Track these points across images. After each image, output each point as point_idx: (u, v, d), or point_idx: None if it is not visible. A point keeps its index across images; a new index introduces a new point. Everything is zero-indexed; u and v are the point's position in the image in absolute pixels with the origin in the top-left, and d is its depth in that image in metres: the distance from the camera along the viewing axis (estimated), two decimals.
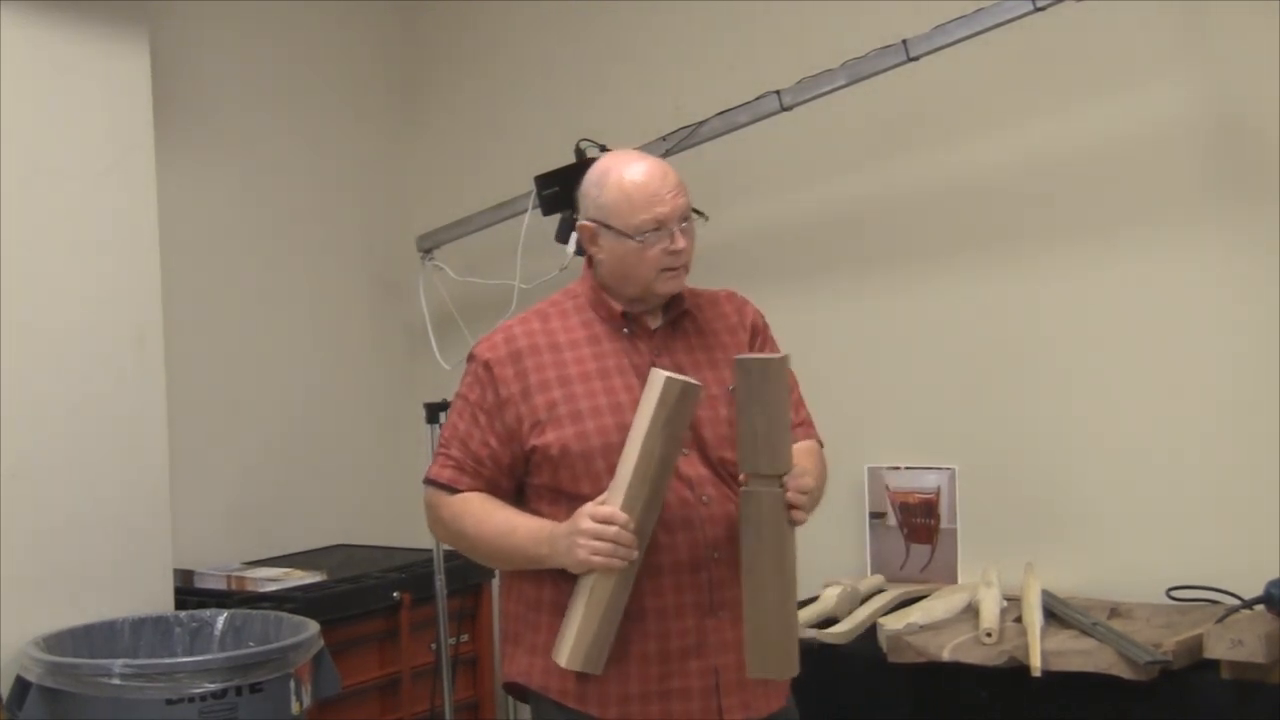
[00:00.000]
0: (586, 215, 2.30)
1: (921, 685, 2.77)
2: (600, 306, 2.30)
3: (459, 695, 3.67)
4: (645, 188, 2.24)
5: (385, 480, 4.25)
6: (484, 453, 2.20)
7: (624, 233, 2.22)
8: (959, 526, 3.25)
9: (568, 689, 2.15)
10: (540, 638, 2.18)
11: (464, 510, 2.19)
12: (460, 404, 2.25)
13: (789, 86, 3.15)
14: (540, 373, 2.21)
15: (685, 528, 2.15)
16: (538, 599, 2.20)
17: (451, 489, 2.21)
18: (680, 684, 2.16)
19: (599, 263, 2.30)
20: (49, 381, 3.00)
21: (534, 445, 2.17)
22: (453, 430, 2.24)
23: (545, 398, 2.18)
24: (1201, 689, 2.52)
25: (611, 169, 2.28)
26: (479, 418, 2.21)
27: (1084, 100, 3.16)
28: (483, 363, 2.23)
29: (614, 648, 2.10)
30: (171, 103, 3.46)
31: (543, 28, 4.10)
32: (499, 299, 3.79)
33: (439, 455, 2.24)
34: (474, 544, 2.21)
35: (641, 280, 2.24)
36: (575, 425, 2.16)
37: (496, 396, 2.20)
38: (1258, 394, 2.94)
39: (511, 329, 2.27)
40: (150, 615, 3.11)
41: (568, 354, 2.23)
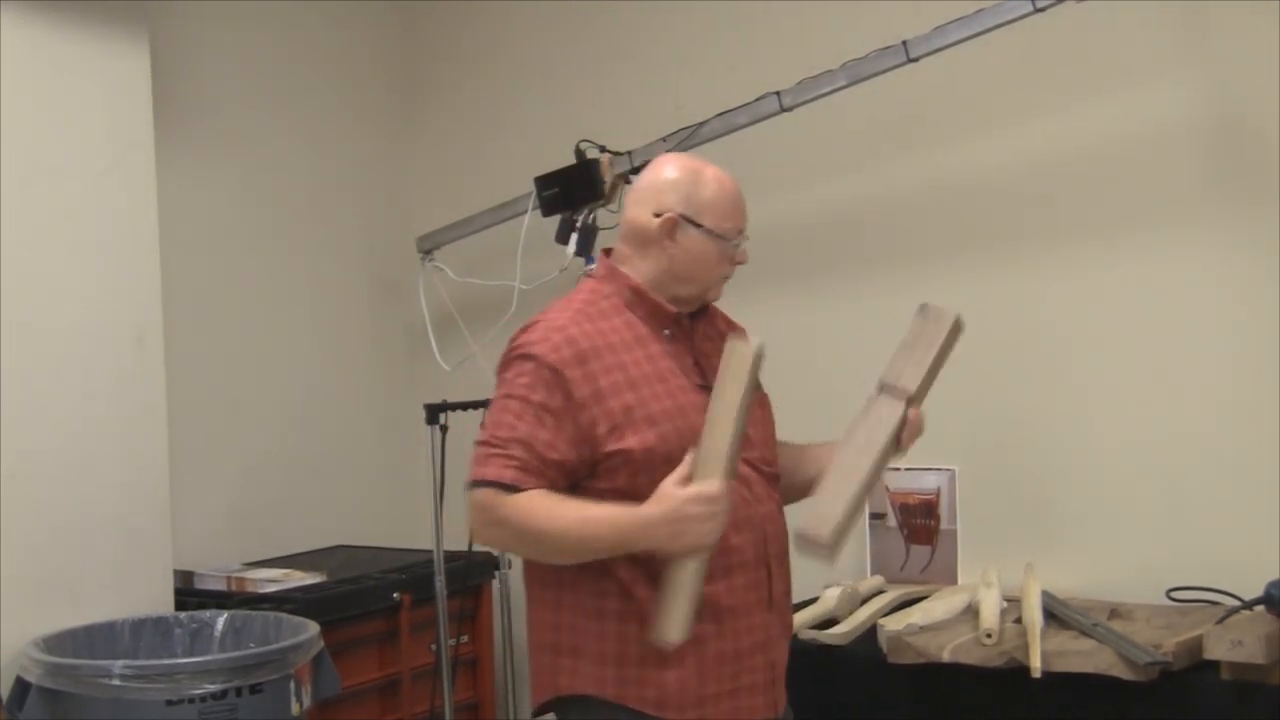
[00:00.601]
0: (667, 207, 2.22)
1: (921, 686, 2.76)
2: (641, 307, 2.25)
3: (459, 696, 3.67)
4: (737, 196, 2.27)
5: (385, 481, 4.25)
6: (552, 456, 2.10)
7: (715, 232, 2.22)
8: (959, 527, 3.25)
9: (647, 696, 2.13)
10: (608, 646, 2.15)
11: (532, 506, 2.07)
12: (518, 405, 2.12)
13: (789, 87, 3.15)
14: (609, 375, 2.14)
15: (748, 527, 2.18)
16: (600, 609, 2.16)
17: (515, 488, 2.08)
18: (748, 680, 2.19)
19: (663, 258, 2.24)
20: (49, 381, 3.00)
21: (614, 449, 2.11)
22: (510, 431, 2.11)
23: (619, 401, 2.13)
24: (1201, 690, 2.52)
25: (703, 167, 2.26)
26: (545, 419, 2.10)
27: (1084, 100, 3.16)
28: (548, 365, 2.13)
29: (691, 649, 2.12)
30: (171, 103, 3.46)
31: (543, 28, 4.10)
32: (499, 300, 3.79)
33: (494, 456, 2.09)
34: (546, 539, 2.10)
35: (706, 282, 2.25)
36: (654, 429, 2.12)
37: (568, 400, 2.11)
38: (1258, 394, 2.93)
39: (568, 330, 2.17)
40: (150, 616, 3.11)
41: (625, 356, 2.18)
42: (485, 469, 2.09)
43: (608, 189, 3.47)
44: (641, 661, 2.13)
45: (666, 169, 2.28)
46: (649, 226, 2.23)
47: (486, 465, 2.09)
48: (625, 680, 2.14)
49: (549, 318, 2.22)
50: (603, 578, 2.14)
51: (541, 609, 2.24)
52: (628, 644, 2.13)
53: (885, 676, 2.78)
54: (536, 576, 2.25)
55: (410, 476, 4.25)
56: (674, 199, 2.23)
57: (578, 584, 2.17)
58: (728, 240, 2.23)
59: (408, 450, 4.22)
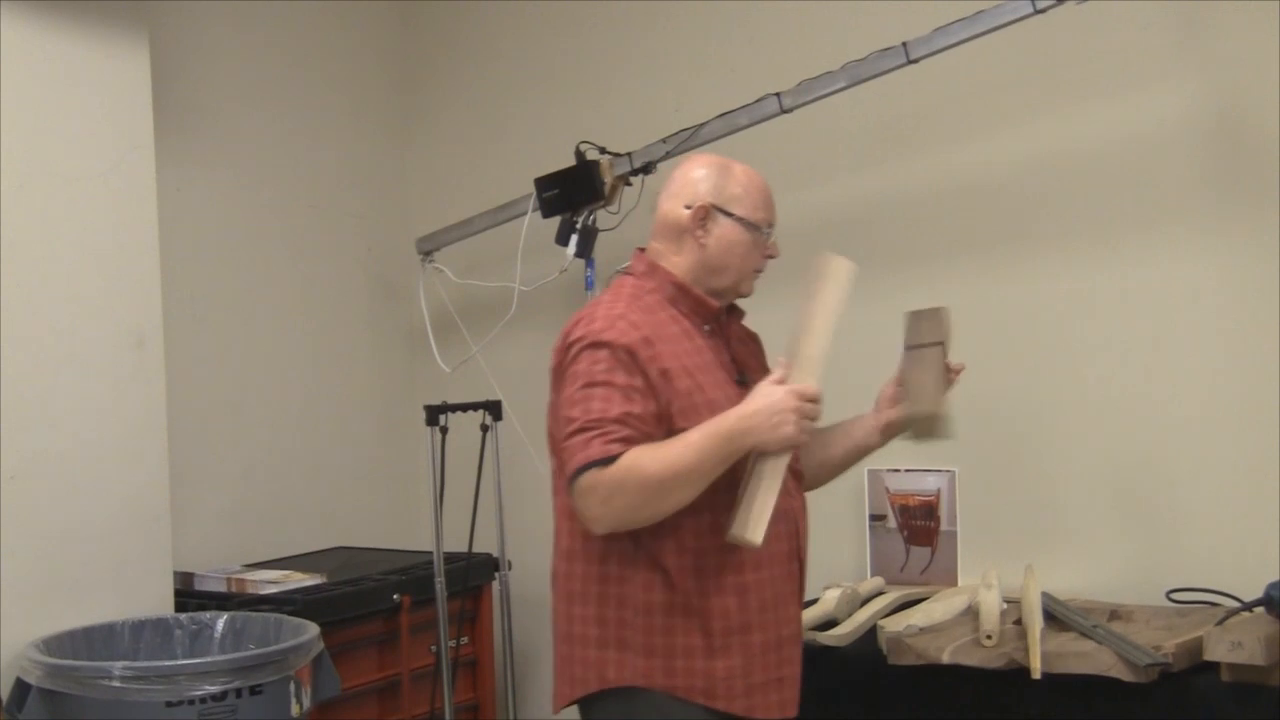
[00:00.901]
0: (698, 199, 2.31)
1: (921, 687, 2.76)
2: (684, 302, 2.32)
3: (459, 697, 3.67)
4: (765, 189, 2.36)
5: (385, 482, 4.25)
6: (648, 427, 2.15)
7: (746, 221, 2.31)
8: (959, 529, 3.25)
9: (695, 685, 2.19)
10: (656, 640, 2.19)
11: (637, 459, 2.10)
12: (604, 390, 2.15)
13: (789, 88, 3.15)
14: (672, 360, 2.22)
15: (783, 518, 2.25)
16: (648, 603, 2.20)
17: (618, 458, 2.10)
18: (790, 671, 2.28)
19: (696, 250, 2.32)
20: (49, 383, 3.00)
21: (682, 427, 2.17)
22: (602, 413, 2.13)
23: (683, 384, 2.21)
24: (1201, 691, 2.52)
25: (731, 163, 2.36)
26: (633, 397, 2.16)
27: (1084, 100, 3.16)
28: (622, 347, 2.18)
29: (738, 638, 2.20)
30: (171, 103, 3.46)
31: (543, 30, 4.10)
32: (499, 301, 3.79)
33: (594, 440, 2.11)
34: (662, 481, 2.10)
35: (738, 273, 2.33)
36: (711, 413, 2.18)
37: (646, 380, 2.17)
38: (1258, 395, 2.93)
39: (629, 316, 2.23)
40: (150, 617, 3.11)
41: (678, 345, 2.26)
42: (590, 451, 2.11)
43: (608, 190, 3.47)
44: (689, 653, 2.19)
45: (696, 165, 2.37)
46: (681, 218, 2.32)
47: (590, 447, 2.11)
48: (674, 671, 2.19)
49: (604, 309, 2.27)
50: (650, 570, 2.20)
51: (584, 605, 2.26)
52: (674, 636, 2.19)
53: (885, 678, 2.77)
54: (580, 574, 2.27)
55: (410, 477, 4.25)
56: (704, 190, 2.32)
57: (624, 579, 2.22)
58: (758, 230, 2.32)
59: (408, 451, 4.22)
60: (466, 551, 3.63)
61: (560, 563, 2.32)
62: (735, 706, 2.20)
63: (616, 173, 3.46)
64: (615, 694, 2.22)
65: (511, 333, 3.84)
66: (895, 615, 2.95)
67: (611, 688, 2.22)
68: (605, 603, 2.23)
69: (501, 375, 3.91)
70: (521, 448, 3.85)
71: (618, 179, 3.47)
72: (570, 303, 3.75)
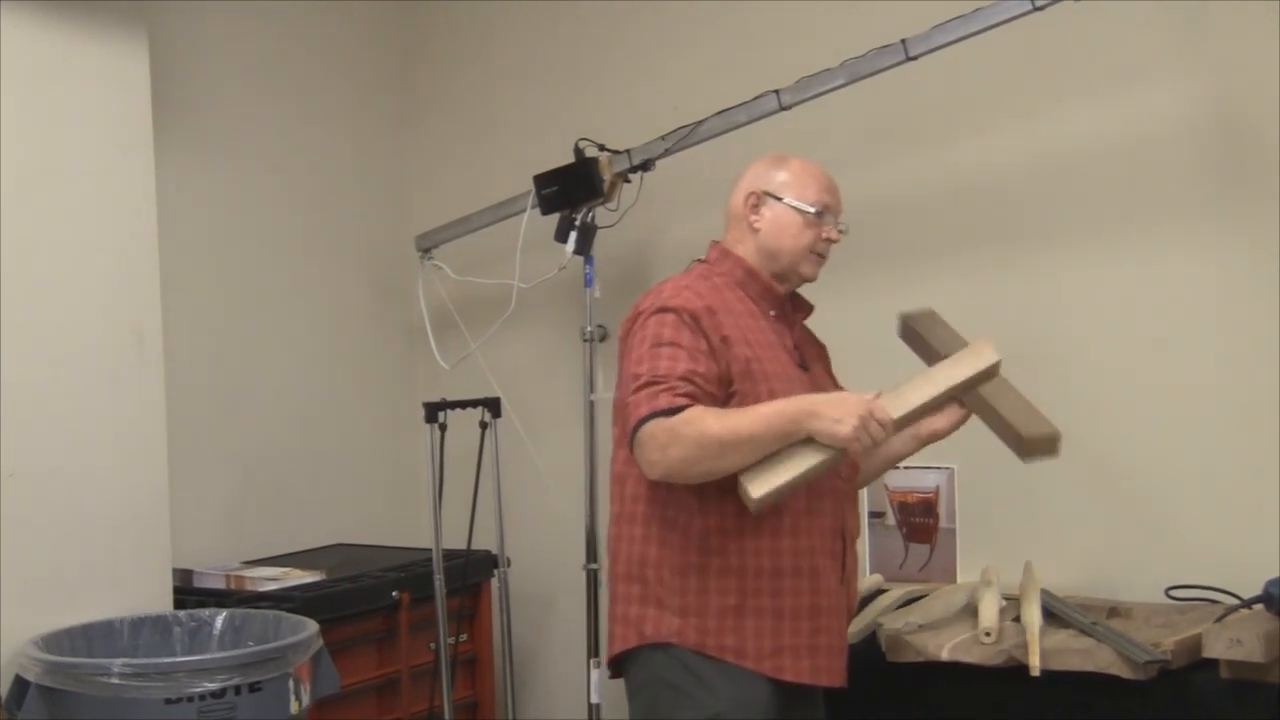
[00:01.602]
0: (754, 187, 2.50)
1: (920, 684, 2.77)
2: (753, 285, 2.48)
3: (458, 695, 3.67)
4: (821, 176, 2.51)
5: (385, 480, 4.25)
6: (708, 389, 2.28)
7: (795, 205, 2.47)
8: (958, 526, 3.25)
9: (726, 644, 2.31)
10: (690, 600, 2.32)
11: (701, 416, 2.22)
12: (670, 349, 2.30)
13: (788, 86, 3.15)
14: (733, 329, 2.36)
15: (830, 495, 2.40)
16: (684, 564, 2.33)
17: (682, 409, 2.22)
18: (825, 641, 2.37)
19: (754, 234, 2.48)
20: (49, 381, 3.00)
21: (736, 390, 2.32)
22: (669, 369, 2.27)
23: (741, 352, 2.34)
24: (1200, 688, 2.52)
25: (790, 155, 2.54)
26: (698, 358, 2.30)
27: (1084, 100, 3.16)
28: (688, 312, 2.33)
29: (769, 601, 2.31)
30: (171, 102, 3.46)
31: (542, 27, 4.10)
32: (498, 298, 3.79)
33: (662, 392, 2.24)
34: (721, 439, 2.20)
35: (792, 255, 2.47)
36: (767, 384, 2.34)
37: (709, 343, 2.32)
38: (1258, 394, 2.94)
39: (693, 286, 2.40)
40: (149, 614, 3.11)
41: (741, 320, 2.40)
42: (656, 402, 2.24)
43: (607, 187, 3.47)
44: (721, 613, 2.32)
45: (760, 160, 2.56)
46: (740, 208, 2.51)
47: (656, 400, 2.24)
48: (705, 630, 2.32)
49: (671, 283, 2.43)
50: (687, 533, 2.33)
51: (629, 565, 2.40)
52: (708, 596, 2.32)
53: (884, 675, 2.78)
54: (626, 536, 2.41)
55: (409, 475, 4.25)
56: (757, 179, 2.52)
57: (664, 541, 2.34)
58: (808, 211, 2.46)
59: (407, 448, 4.22)
60: (465, 548, 3.63)
61: (611, 527, 2.48)
62: (764, 667, 2.31)
63: (615, 170, 3.46)
64: (650, 649, 2.36)
65: (510, 330, 3.84)
66: (894, 612, 2.95)
67: (648, 643, 2.36)
68: (646, 563, 2.36)
69: (500, 372, 3.91)
70: (520, 445, 3.85)
71: (617, 176, 3.47)
72: (570, 300, 3.76)
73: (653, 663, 2.37)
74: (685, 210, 3.70)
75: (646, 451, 2.24)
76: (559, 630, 4.02)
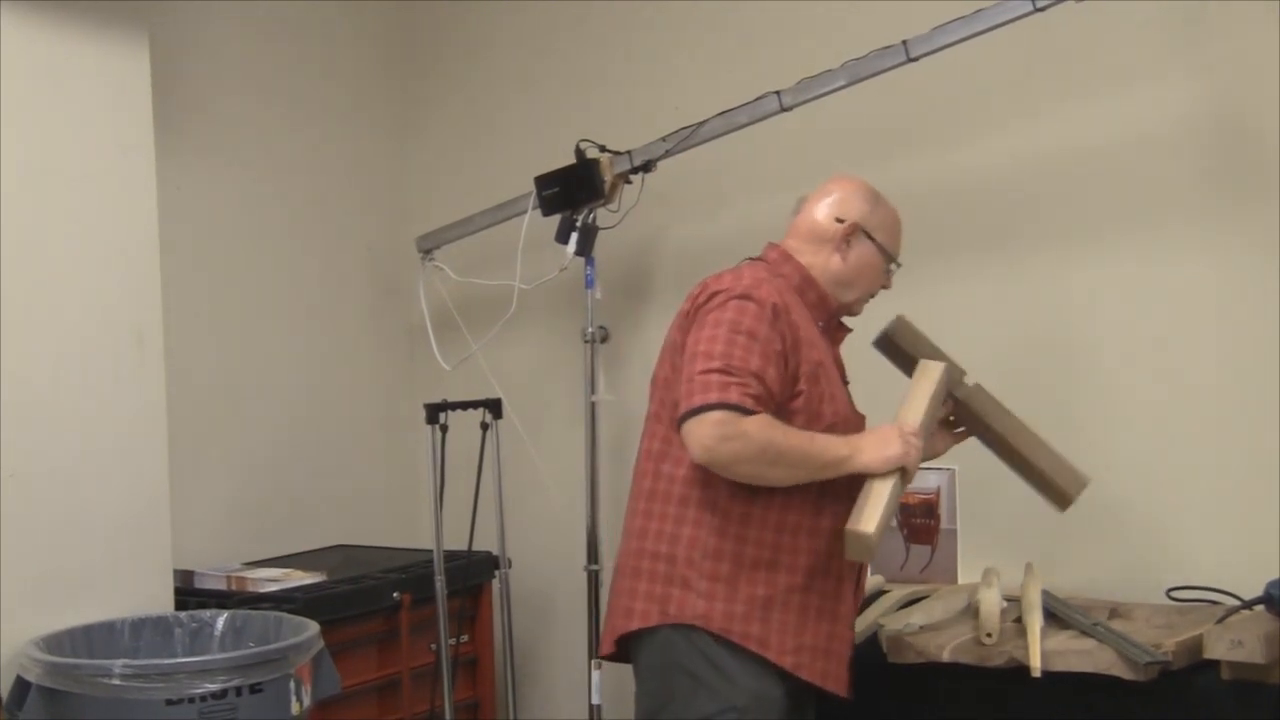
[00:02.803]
0: (856, 218, 2.51)
1: (921, 685, 2.76)
2: (811, 293, 2.51)
3: (459, 696, 3.67)
4: (901, 228, 2.60)
5: (385, 480, 4.25)
6: (775, 390, 2.31)
7: (884, 250, 2.54)
8: (959, 527, 3.25)
9: (750, 633, 2.32)
10: (719, 585, 2.33)
11: (769, 424, 2.27)
12: (746, 340, 2.30)
13: (789, 87, 3.15)
14: (803, 330, 2.39)
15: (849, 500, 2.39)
16: (719, 549, 2.35)
17: (752, 412, 2.25)
18: (839, 646, 2.42)
19: (833, 258, 2.51)
20: (49, 381, 3.00)
21: (801, 390, 2.35)
22: (744, 363, 2.28)
23: (811, 354, 2.39)
24: (1201, 689, 2.52)
25: (878, 192, 2.57)
26: (771, 357, 2.31)
27: (1084, 100, 3.16)
28: (770, 305, 2.34)
29: (797, 597, 2.37)
30: (172, 102, 3.46)
31: (543, 28, 4.10)
32: (499, 300, 3.79)
33: (731, 385, 2.25)
34: (781, 451, 2.27)
35: (863, 290, 2.56)
36: (830, 388, 2.41)
37: (783, 342, 2.34)
38: (1258, 394, 2.94)
39: (771, 281, 2.41)
40: (150, 615, 3.11)
41: (806, 323, 2.43)
42: (727, 394, 2.25)
43: (608, 188, 3.47)
44: (749, 601, 2.32)
45: (855, 185, 2.57)
46: (829, 228, 2.52)
47: (728, 390, 2.25)
48: (732, 615, 2.32)
49: (747, 273, 2.43)
50: (727, 519, 2.34)
51: (657, 543, 2.39)
52: (738, 583, 2.33)
53: (884, 676, 2.77)
54: (658, 514, 2.40)
55: (410, 476, 4.25)
56: (858, 211, 2.52)
57: (700, 522, 2.35)
58: (890, 260, 2.55)
59: (408, 450, 4.22)
60: (466, 550, 3.63)
61: (639, 502, 2.46)
62: (785, 661, 2.33)
63: (616, 171, 3.46)
64: (670, 632, 2.35)
65: (511, 331, 3.84)
66: (895, 613, 2.95)
67: (670, 623, 2.35)
68: (677, 543, 2.36)
69: (501, 373, 3.91)
70: (521, 446, 3.85)
71: (618, 177, 3.47)
72: (571, 301, 3.76)
73: (671, 647, 2.35)
74: (686, 211, 3.70)
75: (700, 436, 2.24)
76: (560, 631, 4.02)
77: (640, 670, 2.43)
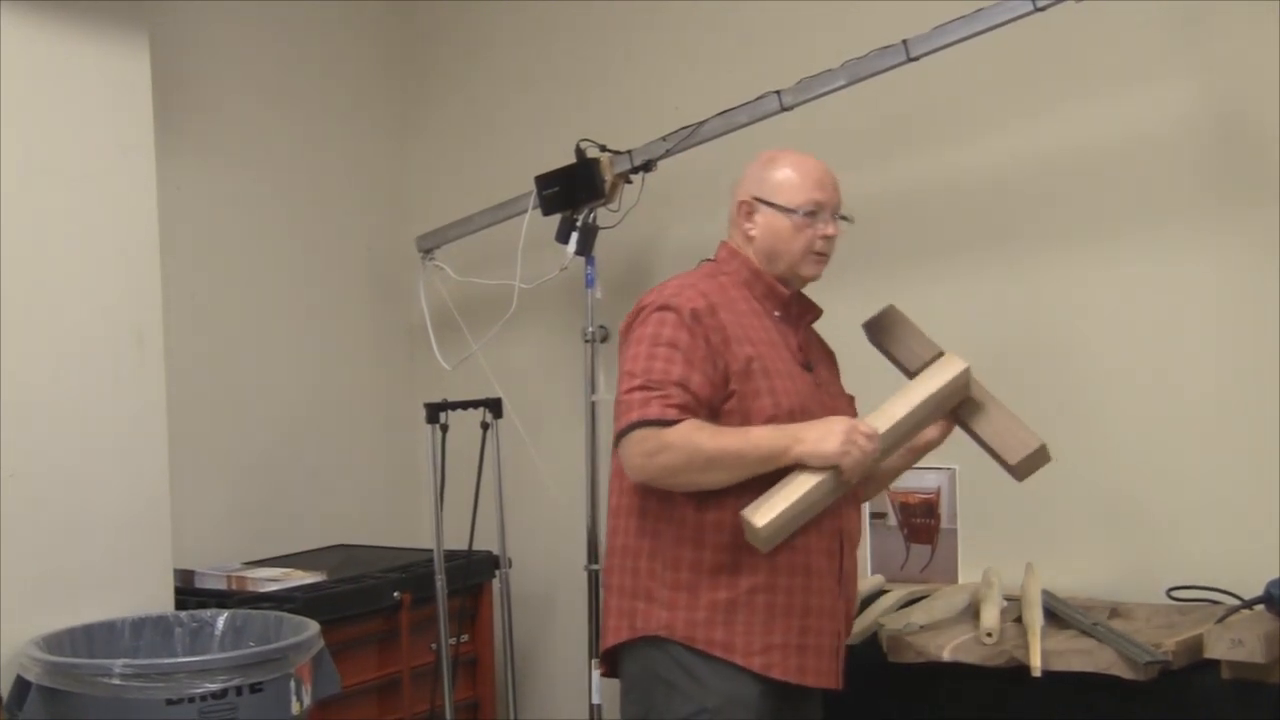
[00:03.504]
0: (746, 194, 2.50)
1: (921, 685, 2.76)
2: (759, 285, 2.49)
3: (459, 695, 3.67)
4: (812, 173, 2.49)
5: (385, 480, 4.25)
6: (704, 394, 2.31)
7: (785, 208, 2.46)
8: (959, 526, 3.25)
9: (714, 639, 2.32)
10: (680, 594, 2.33)
11: (692, 430, 2.27)
12: (667, 351, 2.32)
13: (789, 86, 3.15)
14: (734, 328, 2.37)
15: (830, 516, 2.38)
16: (677, 558, 2.35)
17: (675, 422, 2.27)
18: (815, 641, 2.38)
19: (750, 241, 2.49)
20: (49, 381, 3.00)
21: (734, 390, 2.35)
22: (664, 374, 2.30)
23: (742, 351, 2.36)
24: (1202, 689, 2.52)
25: (781, 154, 2.53)
26: (694, 361, 2.32)
27: (1084, 100, 3.16)
28: (689, 311, 2.34)
29: (762, 597, 2.31)
30: (172, 102, 3.46)
31: (543, 28, 4.10)
32: (499, 299, 3.79)
33: (655, 398, 2.28)
34: (711, 455, 2.27)
35: (790, 258, 2.47)
36: (768, 381, 2.36)
37: (708, 344, 2.33)
38: (1258, 393, 2.94)
39: (696, 285, 2.41)
40: (150, 615, 3.11)
41: (745, 319, 2.40)
42: (647, 409, 2.28)
43: (608, 188, 3.47)
44: (711, 606, 2.32)
45: (753, 161, 2.56)
46: (733, 212, 2.53)
47: (648, 406, 2.28)
48: (694, 623, 2.32)
49: (676, 281, 2.46)
50: (682, 526, 2.33)
51: (623, 558, 2.43)
52: (699, 591, 2.32)
53: (885, 676, 2.78)
54: (623, 529, 2.43)
55: (410, 476, 4.25)
56: (749, 185, 2.51)
57: (659, 534, 2.36)
58: (797, 213, 2.45)
59: (408, 449, 4.22)
60: (467, 549, 3.63)
61: (610, 519, 2.50)
62: (753, 663, 2.31)
63: (617, 170, 3.46)
64: (644, 644, 2.38)
65: (512, 330, 3.84)
66: (896, 613, 2.95)
67: (639, 636, 2.38)
68: (639, 555, 2.37)
69: (502, 373, 3.91)
70: (522, 445, 3.85)
71: (618, 176, 3.47)
72: (571, 300, 3.76)
73: (646, 657, 2.38)
74: (687, 211, 3.69)
75: (631, 455, 2.30)
76: (560, 631, 4.02)
77: (623, 681, 2.46)
